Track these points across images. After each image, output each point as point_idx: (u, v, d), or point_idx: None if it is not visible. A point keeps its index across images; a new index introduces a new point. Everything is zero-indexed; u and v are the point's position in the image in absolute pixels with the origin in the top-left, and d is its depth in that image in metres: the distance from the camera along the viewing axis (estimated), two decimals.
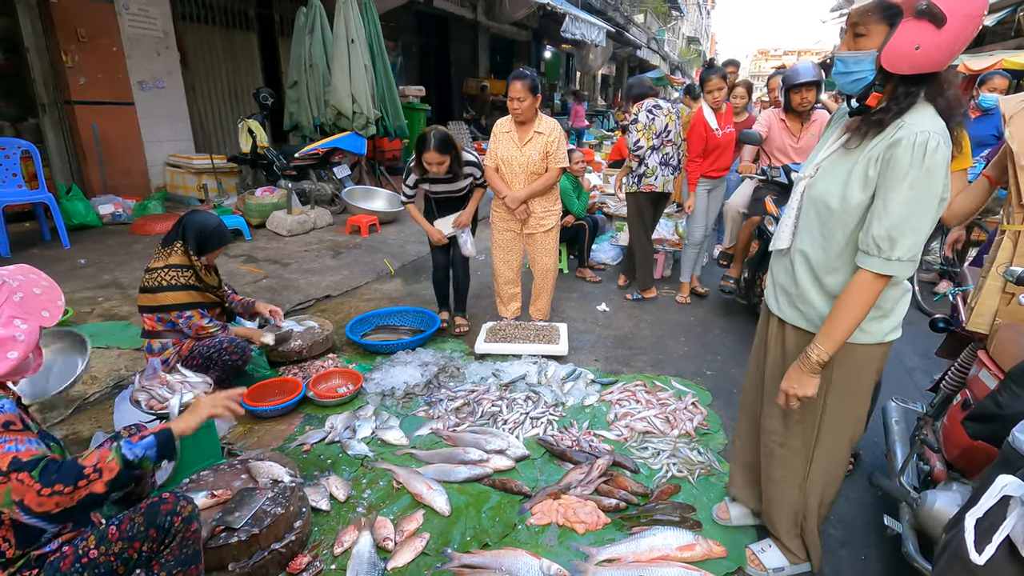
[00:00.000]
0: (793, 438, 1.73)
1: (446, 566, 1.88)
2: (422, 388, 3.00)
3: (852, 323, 1.45)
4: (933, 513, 1.62)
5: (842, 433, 1.68)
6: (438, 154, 3.17)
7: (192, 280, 2.61)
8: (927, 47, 1.29)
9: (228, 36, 7.66)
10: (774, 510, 1.85)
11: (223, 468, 2.05)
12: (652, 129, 4.05)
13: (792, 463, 1.76)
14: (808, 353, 1.51)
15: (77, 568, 1.29)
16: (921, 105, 1.38)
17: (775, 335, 1.74)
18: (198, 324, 2.60)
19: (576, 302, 4.43)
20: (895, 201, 1.35)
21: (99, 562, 1.30)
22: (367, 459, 2.43)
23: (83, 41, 5.54)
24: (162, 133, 6.46)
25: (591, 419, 2.77)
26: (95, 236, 5.19)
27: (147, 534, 1.33)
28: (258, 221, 5.73)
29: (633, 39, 17.41)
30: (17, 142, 4.72)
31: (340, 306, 4.17)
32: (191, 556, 1.43)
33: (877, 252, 1.38)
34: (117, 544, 1.31)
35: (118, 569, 1.32)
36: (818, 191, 1.54)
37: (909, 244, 1.36)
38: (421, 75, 12.00)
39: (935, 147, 1.31)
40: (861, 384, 1.62)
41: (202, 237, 2.63)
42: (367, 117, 6.50)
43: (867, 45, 1.38)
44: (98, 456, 1.26)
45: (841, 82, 1.47)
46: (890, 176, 1.36)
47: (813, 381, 1.52)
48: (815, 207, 1.55)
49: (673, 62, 27.76)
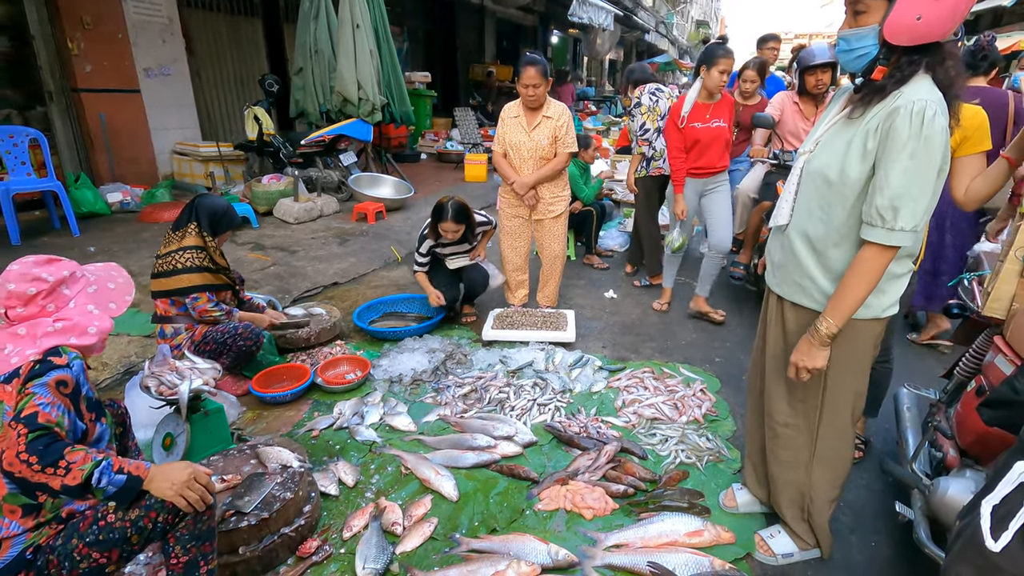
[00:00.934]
0: (796, 417, 1.74)
1: (454, 550, 1.89)
2: (430, 375, 3.00)
3: (861, 296, 1.47)
4: (946, 500, 1.60)
5: (844, 409, 1.70)
6: (455, 224, 3.26)
7: (206, 262, 2.63)
8: (928, 17, 1.30)
9: (233, 22, 7.61)
10: (780, 493, 1.85)
11: (232, 453, 2.07)
12: (656, 111, 3.99)
13: (797, 443, 1.76)
14: (817, 326, 1.52)
15: (94, 530, 1.34)
16: (920, 76, 1.39)
17: (775, 313, 1.75)
18: (203, 307, 2.61)
19: (584, 289, 4.41)
20: (896, 171, 1.36)
21: (115, 527, 1.34)
22: (375, 445, 2.44)
23: (88, 28, 5.52)
24: (168, 121, 6.45)
25: (599, 406, 2.76)
26: (104, 224, 5.21)
27: (163, 505, 1.36)
28: (265, 209, 5.73)
29: (641, 23, 17.13)
30: (25, 130, 4.73)
31: (347, 293, 4.18)
32: (205, 532, 1.45)
33: (881, 223, 1.39)
34: (134, 511, 1.35)
35: (132, 537, 1.35)
36: (816, 164, 1.55)
37: (911, 212, 1.37)
38: (427, 61, 11.91)
39: (932, 115, 1.32)
40: (860, 359, 1.63)
41: (215, 218, 2.67)
42: (373, 103, 6.45)
43: (867, 21, 1.40)
44: (80, 458, 1.27)
45: (845, 60, 1.49)
46: (890, 146, 1.37)
47: (823, 353, 1.53)
48: (814, 181, 1.56)
49: (682, 46, 27.35)
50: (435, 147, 9.78)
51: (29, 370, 1.36)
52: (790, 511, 1.85)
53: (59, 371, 1.38)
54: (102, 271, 1.64)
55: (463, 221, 3.30)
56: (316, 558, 1.83)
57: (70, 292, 1.54)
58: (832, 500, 1.81)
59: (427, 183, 7.71)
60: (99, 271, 1.64)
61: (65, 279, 1.53)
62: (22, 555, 1.32)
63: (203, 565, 1.46)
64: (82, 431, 1.43)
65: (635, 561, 1.82)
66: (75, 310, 1.51)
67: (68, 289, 1.54)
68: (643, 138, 4.06)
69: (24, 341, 1.42)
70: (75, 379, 1.42)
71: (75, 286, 1.55)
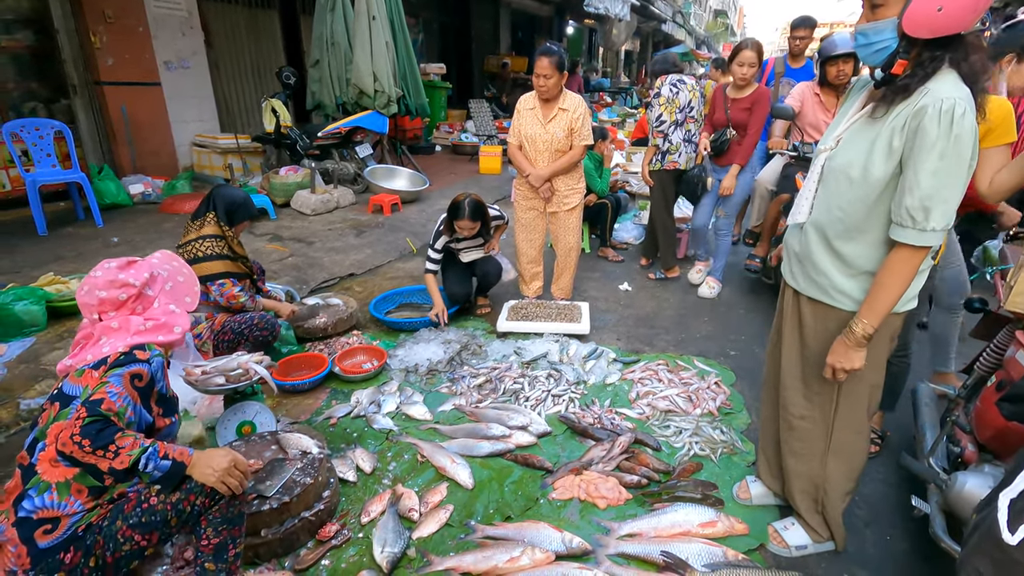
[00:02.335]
0: (812, 410, 1.74)
1: (470, 537, 1.92)
2: (445, 365, 3.03)
3: (896, 295, 1.46)
4: (963, 494, 1.60)
5: (860, 402, 1.69)
6: (471, 221, 3.28)
7: (225, 250, 2.69)
8: (949, 8, 1.27)
9: (251, 15, 7.68)
10: (794, 484, 1.86)
11: (254, 439, 2.11)
12: (675, 103, 3.95)
13: (812, 435, 1.76)
14: (853, 327, 1.51)
15: (137, 512, 1.41)
16: (945, 71, 1.36)
17: (791, 307, 1.75)
18: (230, 292, 2.68)
19: (598, 281, 4.41)
20: (925, 171, 1.34)
21: (156, 509, 1.41)
22: (392, 433, 2.48)
23: (110, 22, 5.60)
24: (188, 113, 6.54)
25: (613, 397, 2.78)
26: (126, 215, 5.32)
27: (203, 488, 1.43)
28: (282, 200, 5.80)
29: (658, 13, 16.92)
30: (51, 123, 4.83)
31: (364, 284, 4.22)
32: (236, 517, 1.51)
33: (912, 223, 1.38)
34: (175, 495, 1.42)
35: (171, 520, 1.42)
36: (839, 162, 1.53)
37: (942, 213, 1.36)
38: (442, 52, 11.90)
39: (962, 114, 1.30)
40: (876, 352, 1.62)
41: (232, 208, 2.72)
42: (388, 96, 6.48)
43: (886, 14, 1.37)
44: (130, 443, 1.33)
45: (864, 54, 1.46)
46: (918, 146, 1.35)
47: (860, 354, 1.53)
48: (836, 179, 1.54)
49: (699, 36, 26.95)
50: (450, 139, 9.79)
51: (115, 359, 1.45)
52: (804, 503, 1.86)
53: (138, 365, 1.46)
54: (167, 265, 1.70)
55: (479, 218, 3.31)
56: (335, 542, 1.87)
57: (153, 292, 1.63)
58: (847, 493, 1.81)
59: (442, 175, 7.73)
60: (166, 266, 1.69)
61: (147, 281, 1.61)
62: (75, 532, 1.39)
63: (231, 548, 1.51)
64: (147, 424, 1.51)
65: (648, 550, 1.83)
66: (160, 310, 1.61)
67: (151, 290, 1.62)
68: (659, 129, 4.03)
69: (118, 334, 1.52)
70: (151, 375, 1.50)
71: (155, 286, 1.64)
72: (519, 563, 1.77)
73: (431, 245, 3.43)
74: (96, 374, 1.44)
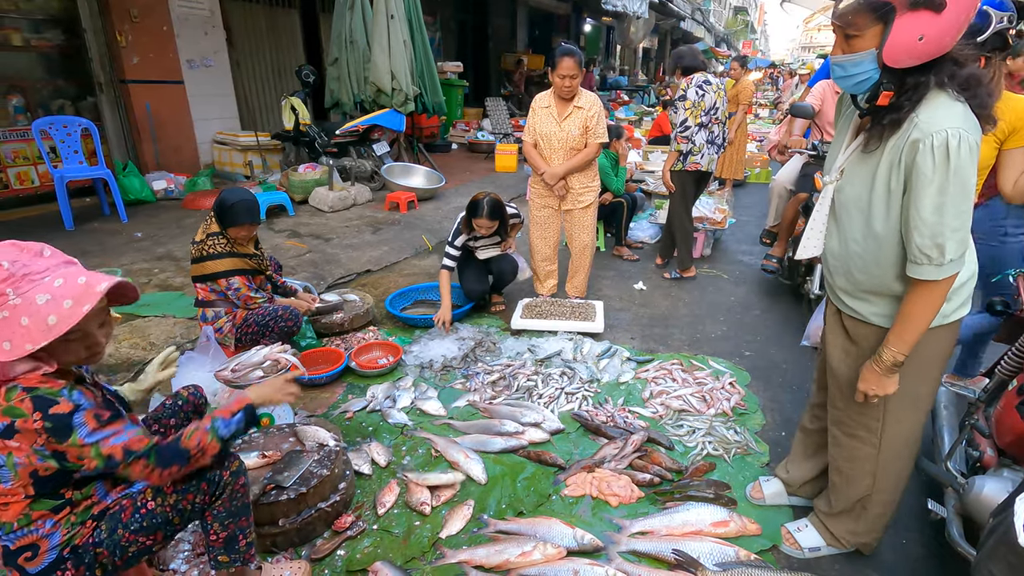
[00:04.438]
0: (858, 428, 1.68)
1: (482, 531, 1.94)
2: (459, 361, 3.06)
3: (924, 325, 1.41)
4: (981, 499, 1.58)
5: (909, 414, 1.62)
6: (489, 220, 3.29)
7: (228, 248, 2.68)
8: (931, 35, 1.22)
9: (271, 14, 7.78)
10: (839, 501, 1.80)
11: (272, 431, 2.16)
12: (700, 106, 3.89)
13: (860, 453, 1.69)
14: (881, 355, 1.46)
15: (137, 518, 1.37)
16: (932, 95, 1.30)
17: (833, 320, 1.70)
18: (246, 295, 2.71)
19: (613, 280, 4.40)
20: (927, 208, 1.30)
21: (156, 512, 1.38)
22: (406, 428, 2.51)
23: (136, 21, 5.72)
24: (210, 111, 6.66)
25: (626, 396, 2.78)
26: (149, 211, 5.44)
27: (199, 487, 1.41)
28: (301, 197, 5.88)
29: (677, 10, 16.77)
30: (78, 120, 4.96)
31: (380, 280, 4.27)
32: (241, 508, 1.51)
33: (928, 261, 1.33)
34: (172, 496, 1.39)
35: (174, 519, 1.40)
36: (847, 196, 1.50)
37: (956, 243, 1.31)
38: (459, 50, 11.93)
39: (956, 145, 1.24)
40: (927, 368, 1.55)
41: (221, 209, 2.64)
42: (406, 94, 6.53)
43: (862, 45, 1.30)
44: (199, 438, 1.36)
45: (844, 85, 1.40)
46: (917, 184, 1.30)
47: (891, 380, 1.48)
48: (846, 212, 1.51)
49: (719, 34, 26.67)
50: (466, 137, 9.83)
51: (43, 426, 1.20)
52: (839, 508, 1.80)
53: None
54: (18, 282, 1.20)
55: (497, 217, 3.32)
56: (350, 533, 1.91)
57: None
58: (894, 502, 1.76)
59: (458, 173, 7.76)
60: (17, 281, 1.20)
61: None
62: (60, 555, 1.30)
63: (242, 539, 1.52)
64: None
65: (660, 548, 1.84)
66: None
67: None
68: (683, 135, 3.94)
69: None
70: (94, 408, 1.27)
71: None
72: (531, 558, 1.79)
73: (450, 242, 3.46)
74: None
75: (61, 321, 1.17)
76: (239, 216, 2.64)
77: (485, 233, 3.40)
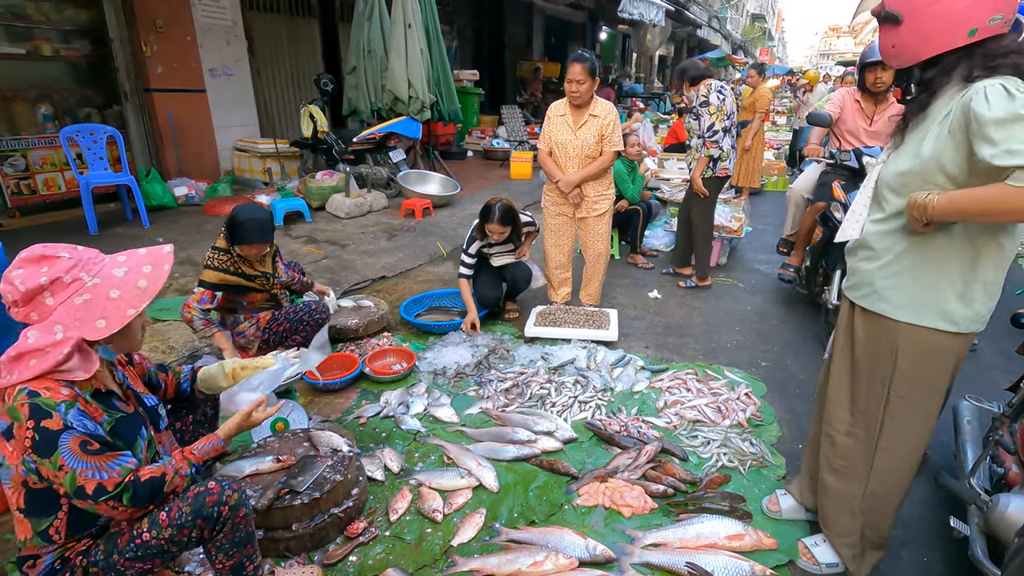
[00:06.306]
0: (857, 427, 1.68)
1: (494, 539, 1.94)
2: (472, 368, 3.06)
3: (969, 208, 1.29)
4: (1006, 517, 1.53)
5: (909, 429, 1.59)
6: (501, 225, 3.32)
7: (228, 265, 2.62)
8: (900, 43, 1.45)
9: (291, 23, 7.92)
10: (829, 503, 1.80)
11: (287, 436, 2.18)
12: (723, 110, 3.90)
13: (854, 453, 1.70)
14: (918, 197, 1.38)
15: (132, 547, 1.34)
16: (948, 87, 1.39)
17: (846, 319, 1.71)
18: (191, 303, 2.56)
19: (627, 288, 4.38)
20: (991, 126, 1.22)
21: (151, 544, 1.35)
22: (419, 434, 2.52)
23: (160, 32, 5.86)
24: (231, 119, 6.78)
25: (640, 405, 2.76)
26: (171, 216, 5.54)
27: (195, 523, 1.37)
28: (318, 203, 5.95)
29: (694, 18, 16.71)
30: (104, 128, 5.08)
31: (395, 287, 4.30)
32: (244, 538, 1.48)
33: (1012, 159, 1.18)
34: (167, 531, 1.35)
35: (170, 549, 1.37)
36: (889, 169, 1.51)
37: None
38: (475, 58, 12.02)
39: (1012, 87, 1.24)
40: (932, 376, 1.53)
41: (230, 226, 2.61)
42: (422, 102, 6.58)
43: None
44: (176, 483, 1.37)
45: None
46: (979, 122, 1.23)
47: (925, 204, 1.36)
48: (887, 186, 1.51)
49: (735, 41, 26.51)
50: (481, 144, 9.88)
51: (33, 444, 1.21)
52: (836, 525, 1.79)
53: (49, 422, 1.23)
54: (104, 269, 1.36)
55: (509, 223, 3.34)
56: (363, 539, 1.91)
57: (53, 301, 1.28)
58: (891, 517, 1.73)
59: (473, 180, 7.80)
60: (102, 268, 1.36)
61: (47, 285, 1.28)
62: (51, 567, 1.32)
63: (248, 565, 1.51)
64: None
65: (673, 561, 1.82)
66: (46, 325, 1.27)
67: (51, 297, 1.29)
68: (712, 140, 3.91)
69: None
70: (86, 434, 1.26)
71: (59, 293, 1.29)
72: (542, 568, 1.78)
73: (465, 250, 3.47)
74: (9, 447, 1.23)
75: (151, 284, 1.28)
76: (248, 234, 2.57)
77: (497, 239, 3.41)
